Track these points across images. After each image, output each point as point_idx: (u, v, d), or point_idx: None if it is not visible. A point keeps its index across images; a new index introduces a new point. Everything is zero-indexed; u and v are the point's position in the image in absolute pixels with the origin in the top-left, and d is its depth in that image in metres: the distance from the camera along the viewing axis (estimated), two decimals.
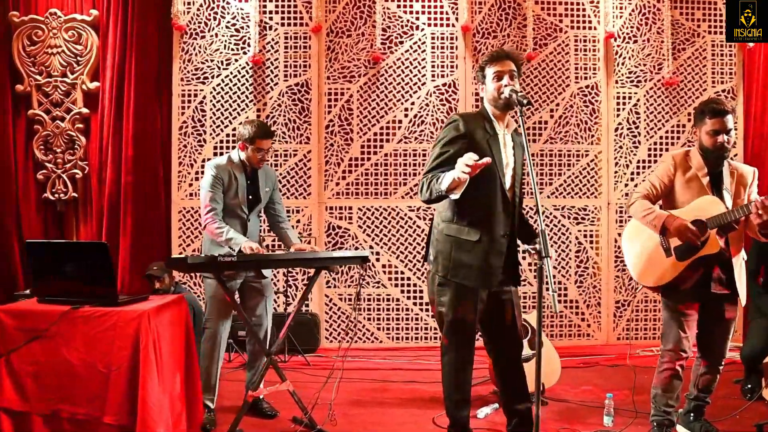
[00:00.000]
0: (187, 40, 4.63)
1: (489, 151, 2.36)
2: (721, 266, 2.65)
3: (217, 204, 3.07)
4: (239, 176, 3.14)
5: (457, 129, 2.40)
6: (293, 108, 4.63)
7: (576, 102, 4.72)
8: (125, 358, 2.28)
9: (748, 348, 3.37)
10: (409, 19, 4.66)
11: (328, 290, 4.64)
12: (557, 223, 4.69)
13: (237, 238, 2.96)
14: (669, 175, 2.75)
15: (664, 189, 2.77)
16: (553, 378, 3.40)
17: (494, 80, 2.41)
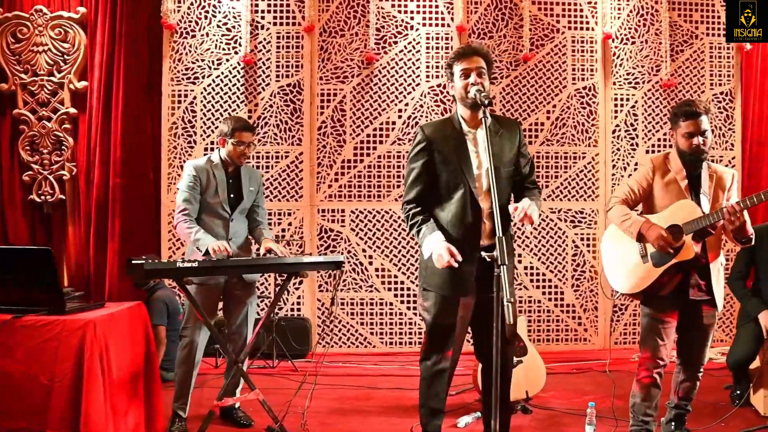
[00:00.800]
0: (177, 39, 4.55)
1: (454, 157, 2.34)
2: (699, 272, 2.62)
3: (191, 205, 3.02)
4: (219, 175, 3.08)
5: (420, 141, 2.41)
6: (285, 109, 4.56)
7: (573, 103, 4.66)
8: (69, 370, 2.19)
9: (734, 354, 3.33)
10: (403, 18, 4.60)
11: (321, 294, 4.57)
12: (554, 226, 4.64)
13: (204, 238, 2.89)
14: (647, 178, 2.72)
15: (643, 193, 2.74)
16: (537, 385, 3.36)
17: (461, 78, 2.35)
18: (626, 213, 2.68)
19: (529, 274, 4.64)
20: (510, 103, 4.66)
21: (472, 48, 2.40)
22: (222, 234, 3.05)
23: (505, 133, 2.44)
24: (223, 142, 3.13)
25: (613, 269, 2.79)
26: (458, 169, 2.34)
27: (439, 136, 2.40)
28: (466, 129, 2.39)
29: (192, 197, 3.04)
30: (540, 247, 4.66)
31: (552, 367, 4.21)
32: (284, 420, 2.93)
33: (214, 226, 3.05)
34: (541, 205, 2.37)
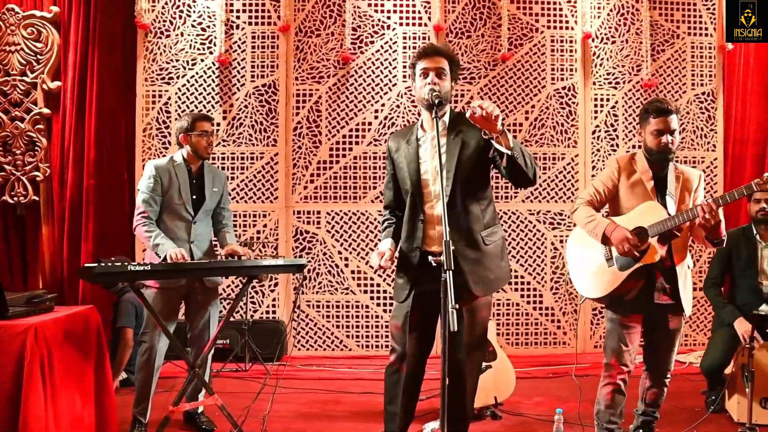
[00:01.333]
0: (151, 39, 4.51)
1: (404, 163, 2.35)
2: (665, 275, 2.56)
3: (151, 207, 2.97)
4: (181, 175, 3.04)
5: (388, 149, 2.47)
6: (260, 109, 4.51)
7: (552, 104, 4.60)
8: (8, 375, 2.15)
9: (708, 359, 3.28)
10: (380, 18, 4.55)
11: (296, 296, 4.50)
12: (532, 228, 4.58)
13: (164, 243, 2.84)
14: (613, 179, 2.67)
15: (609, 194, 2.69)
16: (507, 390, 3.31)
17: (421, 77, 2.30)
18: (591, 215, 2.63)
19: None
20: None
21: (435, 47, 2.35)
22: (184, 237, 3.00)
23: (467, 130, 2.34)
24: (185, 139, 3.09)
25: (579, 273, 2.74)
26: (405, 175, 2.35)
27: (396, 144, 2.43)
28: (421, 133, 2.36)
29: (152, 199, 2.99)
30: (518, 249, 4.60)
31: (528, 372, 4.16)
32: (245, 424, 2.88)
33: (175, 229, 3.00)
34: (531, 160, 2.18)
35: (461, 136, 2.34)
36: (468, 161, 2.33)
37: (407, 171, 2.33)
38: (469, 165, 2.36)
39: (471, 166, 2.35)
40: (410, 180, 2.31)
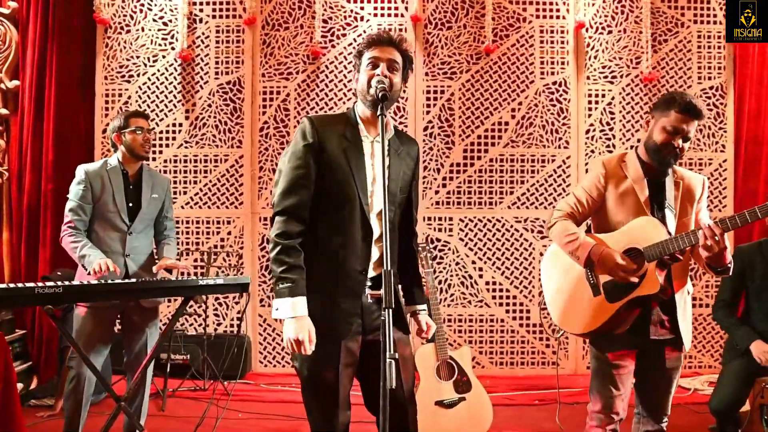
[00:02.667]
0: (111, 34, 4.27)
1: (346, 164, 1.93)
2: (662, 305, 2.15)
3: (79, 217, 2.70)
4: (115, 180, 2.77)
5: (305, 136, 1.96)
6: (224, 108, 4.23)
7: (541, 100, 4.22)
8: None
9: (719, 397, 2.83)
10: (352, 9, 4.22)
11: (263, 309, 4.22)
12: (519, 237, 4.20)
13: (90, 255, 2.57)
14: (598, 186, 2.24)
15: (593, 205, 2.25)
16: (483, 425, 2.93)
17: (368, 67, 1.95)
18: (571, 232, 2.20)
19: (491, 290, 4.21)
20: (471, 100, 4.24)
21: (389, 37, 1.99)
22: (118, 249, 2.74)
23: (404, 153, 2.05)
24: (119, 138, 2.82)
25: (556, 302, 2.30)
26: (350, 178, 1.92)
27: (330, 133, 1.97)
28: (364, 132, 2.00)
29: (81, 207, 2.74)
30: (504, 260, 4.22)
31: (510, 397, 3.80)
32: None
33: (109, 240, 2.74)
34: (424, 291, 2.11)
35: (401, 158, 2.03)
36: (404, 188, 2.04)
37: (351, 173, 1.91)
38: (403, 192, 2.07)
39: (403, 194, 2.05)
40: (358, 186, 1.91)
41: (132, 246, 2.83)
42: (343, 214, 1.92)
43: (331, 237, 1.93)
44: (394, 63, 1.96)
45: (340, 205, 1.92)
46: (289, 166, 1.95)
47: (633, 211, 2.17)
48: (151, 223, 2.97)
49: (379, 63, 1.95)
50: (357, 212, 1.92)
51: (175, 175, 4.25)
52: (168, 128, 4.27)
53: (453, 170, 4.24)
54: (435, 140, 4.24)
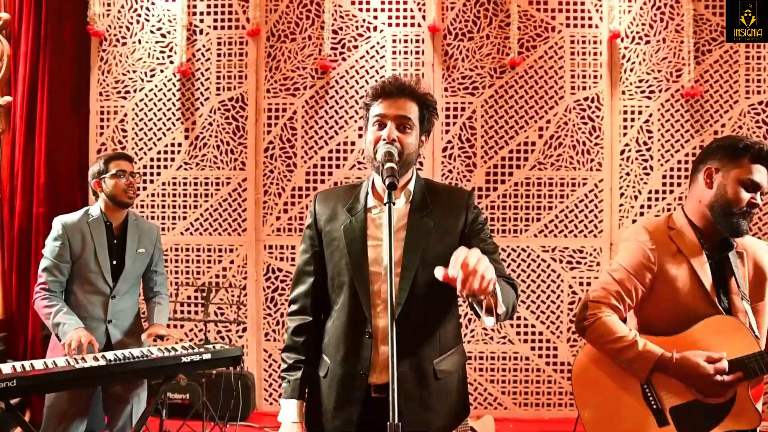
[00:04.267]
0: (106, 47, 3.97)
1: (341, 243, 1.66)
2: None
3: (55, 277, 2.40)
4: (98, 234, 2.46)
5: (308, 217, 1.78)
6: (227, 127, 3.91)
7: (572, 118, 3.83)
8: None
9: None
10: (365, 18, 3.87)
11: (267, 344, 3.90)
12: (546, 269, 3.83)
13: (66, 323, 2.28)
14: (649, 266, 1.74)
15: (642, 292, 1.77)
16: None
17: (375, 127, 1.65)
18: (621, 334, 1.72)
19: (516, 326, 3.86)
20: (494, 118, 3.87)
21: (400, 83, 1.66)
22: (99, 315, 2.44)
23: (439, 210, 1.69)
24: (99, 185, 2.50)
25: (597, 427, 1.78)
26: (344, 260, 1.64)
27: (329, 209, 1.71)
28: (373, 202, 1.69)
29: (57, 267, 2.45)
30: (529, 293, 3.86)
31: None
32: None
33: (88, 305, 2.45)
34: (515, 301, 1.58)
35: (431, 218, 1.67)
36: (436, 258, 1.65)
37: (348, 253, 1.63)
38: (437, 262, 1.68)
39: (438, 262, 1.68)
40: (352, 267, 1.61)
41: (115, 311, 2.54)
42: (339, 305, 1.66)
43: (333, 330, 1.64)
44: (406, 120, 1.63)
45: (336, 294, 1.66)
46: (299, 252, 1.80)
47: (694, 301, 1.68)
48: (137, 281, 2.68)
49: (386, 122, 1.61)
50: (354, 303, 1.61)
51: (174, 199, 3.95)
52: (166, 148, 3.97)
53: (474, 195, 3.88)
54: (455, 162, 3.89)
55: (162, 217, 3.97)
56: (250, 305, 3.92)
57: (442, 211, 1.69)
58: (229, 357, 2.38)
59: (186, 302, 3.90)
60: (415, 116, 1.66)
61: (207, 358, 2.35)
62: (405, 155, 1.61)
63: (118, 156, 2.57)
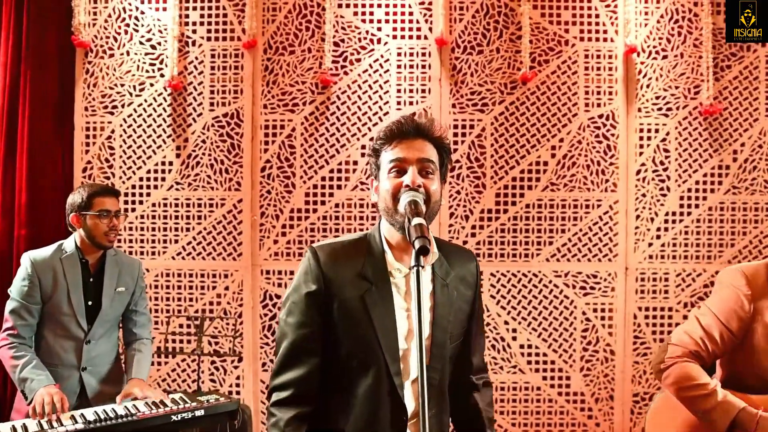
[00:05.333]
0: (92, 59, 3.72)
1: (365, 316, 1.42)
2: None
3: (24, 321, 2.18)
4: (72, 273, 2.22)
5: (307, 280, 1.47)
6: (221, 145, 3.68)
7: (586, 136, 3.65)
8: None
9: None
10: (368, 30, 3.66)
11: (265, 375, 3.69)
12: (558, 294, 3.65)
13: (33, 380, 2.07)
14: (740, 314, 1.61)
15: (730, 341, 1.63)
16: None
17: (392, 174, 1.43)
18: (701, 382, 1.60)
19: (527, 355, 3.67)
20: (504, 136, 3.68)
21: (415, 124, 1.47)
22: (71, 362, 2.22)
23: (455, 279, 1.52)
24: (77, 220, 2.27)
25: None
26: (371, 337, 1.41)
27: (342, 273, 1.46)
28: (393, 263, 1.47)
29: (26, 308, 2.22)
30: (540, 320, 3.67)
31: None
32: None
33: (60, 351, 2.23)
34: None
35: (453, 282, 1.51)
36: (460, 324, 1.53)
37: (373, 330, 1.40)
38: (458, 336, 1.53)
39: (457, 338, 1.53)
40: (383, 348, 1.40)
41: (90, 357, 2.32)
42: (362, 388, 1.40)
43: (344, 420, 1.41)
44: (428, 163, 1.43)
45: (357, 375, 1.40)
46: (290, 323, 1.46)
47: None
48: (116, 322, 2.45)
49: (407, 167, 1.41)
50: (384, 384, 1.39)
51: (165, 222, 3.72)
52: (156, 167, 3.74)
53: (483, 217, 3.69)
54: (463, 183, 3.69)
55: (152, 240, 3.74)
56: (247, 334, 3.70)
57: (457, 280, 1.53)
58: (225, 412, 2.16)
59: (178, 332, 3.67)
60: (436, 160, 1.47)
61: (200, 414, 2.13)
62: (432, 204, 1.42)
63: (104, 192, 2.33)
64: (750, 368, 1.61)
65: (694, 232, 3.70)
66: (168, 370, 3.76)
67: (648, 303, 3.70)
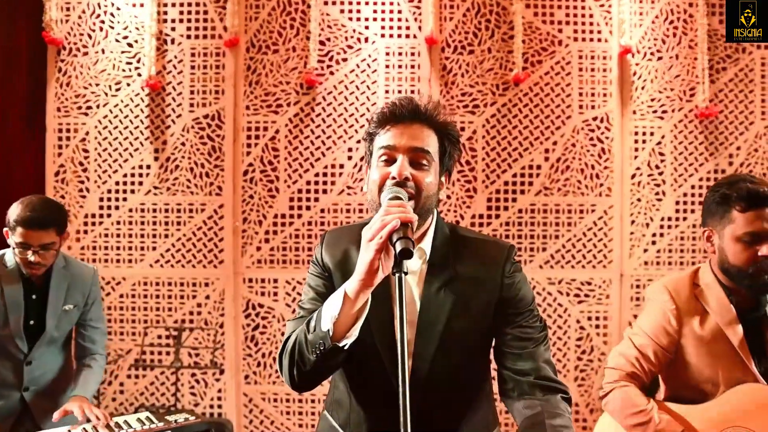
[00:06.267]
0: (65, 57, 3.55)
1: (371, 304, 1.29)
2: None
3: None
4: (11, 290, 2.04)
5: (315, 260, 1.43)
6: (201, 148, 3.53)
7: (579, 139, 3.55)
8: None
9: None
10: (355, 28, 3.53)
11: (248, 387, 3.52)
12: (552, 302, 3.54)
13: None
14: (669, 331, 1.62)
15: (663, 358, 1.66)
16: None
17: (381, 162, 1.31)
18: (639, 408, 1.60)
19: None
20: (496, 139, 3.56)
21: (414, 106, 1.33)
22: (11, 381, 2.05)
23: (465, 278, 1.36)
24: (7, 236, 2.06)
25: None
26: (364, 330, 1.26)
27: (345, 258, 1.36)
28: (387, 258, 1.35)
29: None
30: None
31: None
32: None
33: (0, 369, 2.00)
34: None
35: (453, 290, 1.35)
36: (463, 334, 1.36)
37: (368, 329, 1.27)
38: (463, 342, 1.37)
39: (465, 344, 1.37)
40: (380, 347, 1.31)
41: (33, 377, 2.13)
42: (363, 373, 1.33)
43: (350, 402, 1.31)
44: (422, 153, 1.30)
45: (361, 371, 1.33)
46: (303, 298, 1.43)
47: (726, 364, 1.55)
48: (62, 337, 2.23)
49: (396, 155, 1.27)
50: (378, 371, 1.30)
51: (142, 228, 3.55)
52: (133, 171, 3.57)
53: (475, 223, 3.57)
54: (454, 187, 3.57)
55: (129, 247, 3.56)
56: (228, 345, 3.54)
57: (468, 280, 1.36)
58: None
59: (156, 344, 3.50)
60: (435, 149, 1.34)
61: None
62: (422, 199, 1.28)
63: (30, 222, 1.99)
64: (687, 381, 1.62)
65: (690, 238, 3.61)
66: (146, 383, 3.58)
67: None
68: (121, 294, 3.55)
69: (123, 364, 3.55)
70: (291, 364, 1.24)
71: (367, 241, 1.12)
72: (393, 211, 1.12)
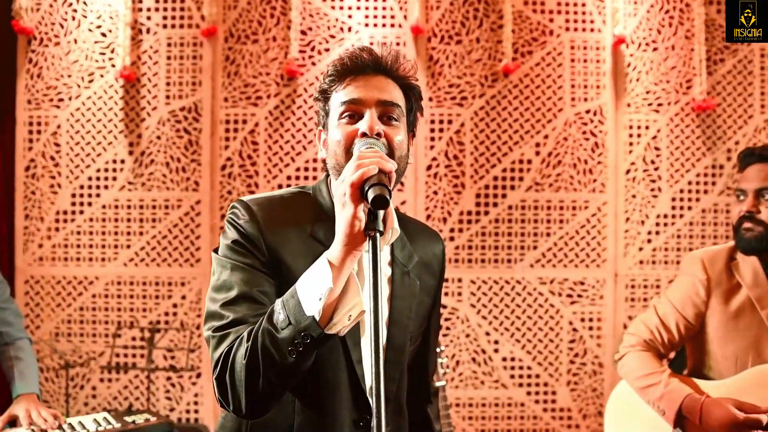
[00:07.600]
0: (36, 47, 3.41)
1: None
2: None
3: None
4: None
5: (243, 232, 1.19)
6: (177, 141, 3.39)
7: (572, 133, 3.42)
8: None
9: None
10: (338, 17, 3.39)
11: None
12: (543, 303, 3.40)
13: None
14: (696, 302, 1.61)
15: (687, 331, 1.64)
16: None
17: (343, 120, 1.17)
18: (651, 371, 1.61)
19: (509, 368, 3.41)
20: (485, 132, 3.42)
21: (374, 57, 1.19)
22: None
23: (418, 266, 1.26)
24: None
25: None
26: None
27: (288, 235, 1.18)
28: None
29: None
30: (525, 331, 3.42)
31: None
32: None
33: None
34: None
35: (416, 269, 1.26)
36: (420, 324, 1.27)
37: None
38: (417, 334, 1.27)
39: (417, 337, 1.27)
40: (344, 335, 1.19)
41: None
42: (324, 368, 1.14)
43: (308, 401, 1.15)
44: (392, 107, 1.16)
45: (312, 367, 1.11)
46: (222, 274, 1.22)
47: (753, 340, 1.52)
48: None
49: (363, 110, 1.13)
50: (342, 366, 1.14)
51: (116, 225, 3.41)
52: (107, 165, 3.44)
53: (463, 220, 3.43)
54: (441, 183, 3.42)
55: (102, 245, 3.41)
56: (205, 348, 3.39)
57: (420, 266, 1.26)
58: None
59: (130, 345, 3.35)
60: (402, 104, 1.21)
61: None
62: (396, 159, 1.14)
63: None
64: (705, 356, 1.61)
65: (686, 236, 3.47)
66: (120, 387, 3.43)
67: (638, 312, 3.46)
68: (94, 294, 3.41)
69: (95, 367, 3.41)
70: (249, 381, 1.03)
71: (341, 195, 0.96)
72: (368, 155, 0.98)
